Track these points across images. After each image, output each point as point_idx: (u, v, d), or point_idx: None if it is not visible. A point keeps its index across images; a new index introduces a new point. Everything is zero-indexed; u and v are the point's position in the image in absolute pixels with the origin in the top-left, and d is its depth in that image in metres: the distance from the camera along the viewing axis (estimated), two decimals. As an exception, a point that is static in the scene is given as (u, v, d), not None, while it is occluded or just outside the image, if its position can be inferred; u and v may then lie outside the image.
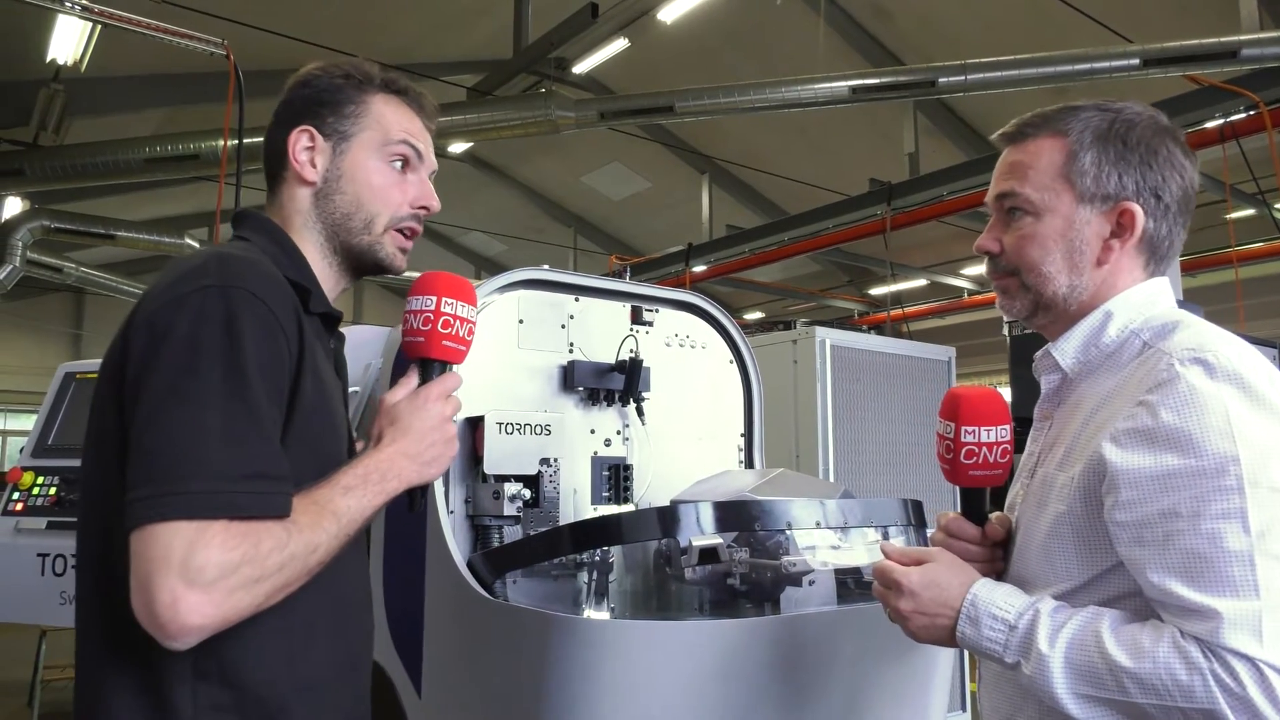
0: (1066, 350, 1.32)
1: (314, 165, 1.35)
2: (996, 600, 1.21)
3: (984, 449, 1.34)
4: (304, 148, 1.35)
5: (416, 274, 1.47)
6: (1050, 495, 1.25)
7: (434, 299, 1.32)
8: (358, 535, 1.22)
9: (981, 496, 1.40)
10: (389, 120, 1.38)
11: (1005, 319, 1.47)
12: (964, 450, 1.34)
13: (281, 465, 1.11)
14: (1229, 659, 1.03)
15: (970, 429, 1.34)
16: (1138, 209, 1.26)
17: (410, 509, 1.32)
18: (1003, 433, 1.35)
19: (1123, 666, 1.08)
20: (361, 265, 1.40)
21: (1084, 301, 1.30)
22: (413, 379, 1.33)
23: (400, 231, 1.39)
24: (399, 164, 1.39)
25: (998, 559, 1.37)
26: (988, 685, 1.37)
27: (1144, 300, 1.29)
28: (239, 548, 1.03)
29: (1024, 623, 1.17)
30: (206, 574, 1.00)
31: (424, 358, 1.33)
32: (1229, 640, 1.03)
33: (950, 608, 1.24)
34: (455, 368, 1.36)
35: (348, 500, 1.17)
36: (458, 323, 1.33)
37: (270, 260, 1.26)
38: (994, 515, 1.39)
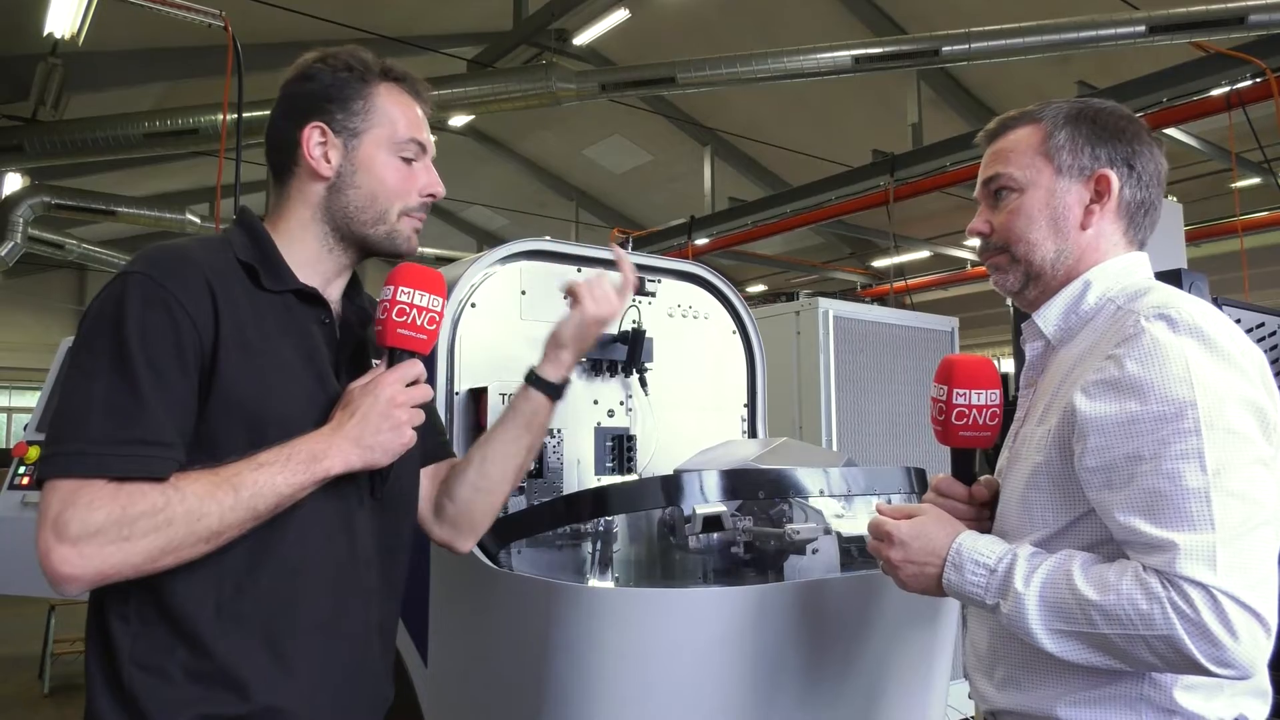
0: (1049, 317, 1.41)
1: (328, 160, 1.40)
2: (979, 547, 1.29)
3: (974, 411, 1.43)
4: (317, 143, 1.40)
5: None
6: (1029, 449, 1.34)
7: (392, 289, 1.36)
8: (322, 507, 1.28)
9: (971, 457, 1.49)
10: (396, 116, 1.43)
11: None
12: (955, 412, 1.43)
13: (162, 433, 1.18)
14: (1185, 587, 1.10)
15: (961, 392, 1.43)
16: (1113, 175, 1.37)
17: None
18: (992, 396, 1.43)
19: (1090, 600, 1.15)
20: (375, 251, 1.45)
21: (1069, 267, 1.39)
22: (383, 367, 1.37)
23: (410, 216, 1.45)
24: (408, 157, 1.44)
25: (985, 519, 1.44)
26: (972, 634, 1.45)
27: (1121, 270, 1.38)
28: (104, 507, 1.12)
29: (1003, 566, 1.25)
30: (70, 529, 1.10)
31: (385, 346, 1.37)
32: (1185, 569, 1.10)
33: (937, 556, 1.32)
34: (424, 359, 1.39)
35: (258, 475, 1.20)
36: (414, 311, 1.36)
37: (221, 244, 1.35)
38: (982, 478, 1.48)
